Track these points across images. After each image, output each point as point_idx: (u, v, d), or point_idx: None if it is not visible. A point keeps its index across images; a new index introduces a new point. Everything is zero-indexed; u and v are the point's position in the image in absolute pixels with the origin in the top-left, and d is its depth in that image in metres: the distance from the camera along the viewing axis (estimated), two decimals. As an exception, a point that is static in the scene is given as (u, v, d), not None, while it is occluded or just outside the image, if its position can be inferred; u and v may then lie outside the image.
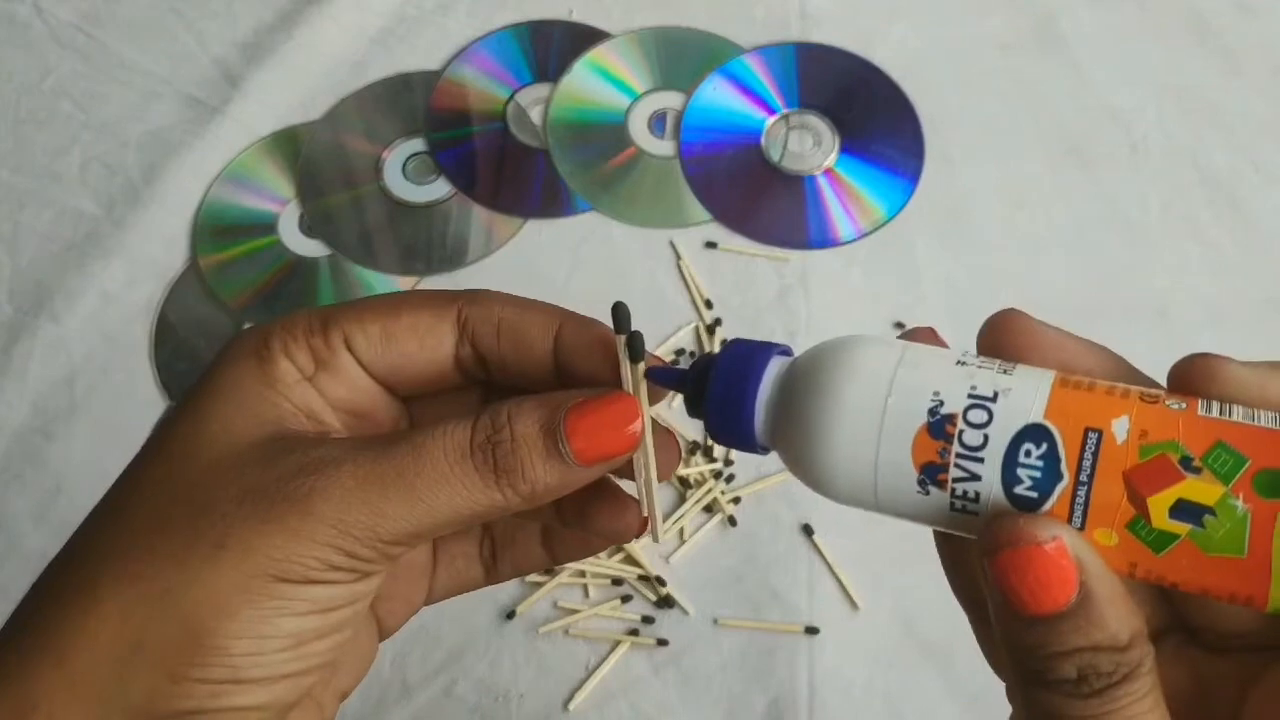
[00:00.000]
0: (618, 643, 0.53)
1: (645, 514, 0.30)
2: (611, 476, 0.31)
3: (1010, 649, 0.25)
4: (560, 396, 0.27)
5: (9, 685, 0.24)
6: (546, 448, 0.26)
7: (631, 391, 0.28)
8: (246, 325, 0.62)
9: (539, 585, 0.54)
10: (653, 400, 0.28)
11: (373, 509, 0.25)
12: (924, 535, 0.58)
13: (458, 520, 0.26)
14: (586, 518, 0.31)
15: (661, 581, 0.54)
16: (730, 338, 0.60)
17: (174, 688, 0.24)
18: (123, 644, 0.24)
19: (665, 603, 0.54)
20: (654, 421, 0.28)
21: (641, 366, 0.28)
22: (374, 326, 0.28)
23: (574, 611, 0.54)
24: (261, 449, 0.26)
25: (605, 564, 0.55)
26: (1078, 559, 0.24)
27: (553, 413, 0.27)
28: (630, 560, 0.55)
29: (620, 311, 0.28)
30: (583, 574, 0.55)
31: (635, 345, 0.27)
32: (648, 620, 0.54)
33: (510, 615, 0.54)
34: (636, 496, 0.30)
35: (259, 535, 0.25)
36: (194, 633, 0.24)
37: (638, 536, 0.31)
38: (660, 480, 0.29)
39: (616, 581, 0.55)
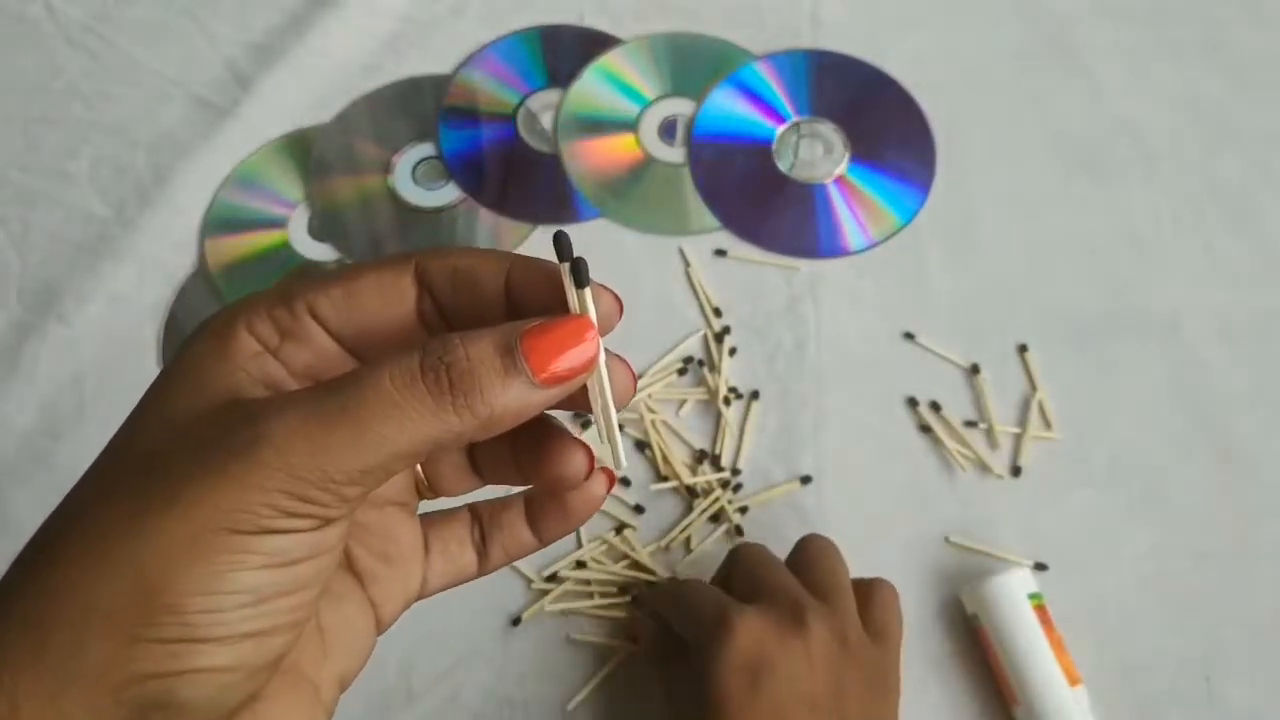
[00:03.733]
0: (620, 648, 0.53)
1: (604, 440, 0.29)
2: (556, 416, 0.31)
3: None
4: (515, 323, 0.27)
5: None
6: (504, 366, 0.26)
7: (581, 313, 0.28)
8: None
9: (544, 593, 0.54)
10: (603, 329, 0.29)
11: (318, 447, 0.24)
12: (929, 550, 0.58)
13: (411, 450, 0.26)
14: (537, 466, 0.31)
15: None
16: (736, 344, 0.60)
17: (130, 649, 0.24)
18: (76, 609, 0.24)
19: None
20: (605, 350, 0.29)
21: (588, 291, 0.28)
22: (336, 290, 0.28)
23: (586, 597, 0.54)
24: (213, 414, 0.26)
25: (612, 569, 0.55)
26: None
27: (508, 334, 0.27)
28: (638, 567, 0.55)
29: (562, 239, 0.28)
30: (589, 583, 0.54)
31: (579, 269, 0.28)
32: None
33: (516, 621, 0.54)
34: (596, 425, 0.29)
35: (206, 488, 0.24)
36: (146, 592, 0.24)
37: (587, 477, 0.31)
38: (617, 407, 0.29)
39: (623, 590, 0.54)
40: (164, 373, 0.28)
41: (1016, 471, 0.57)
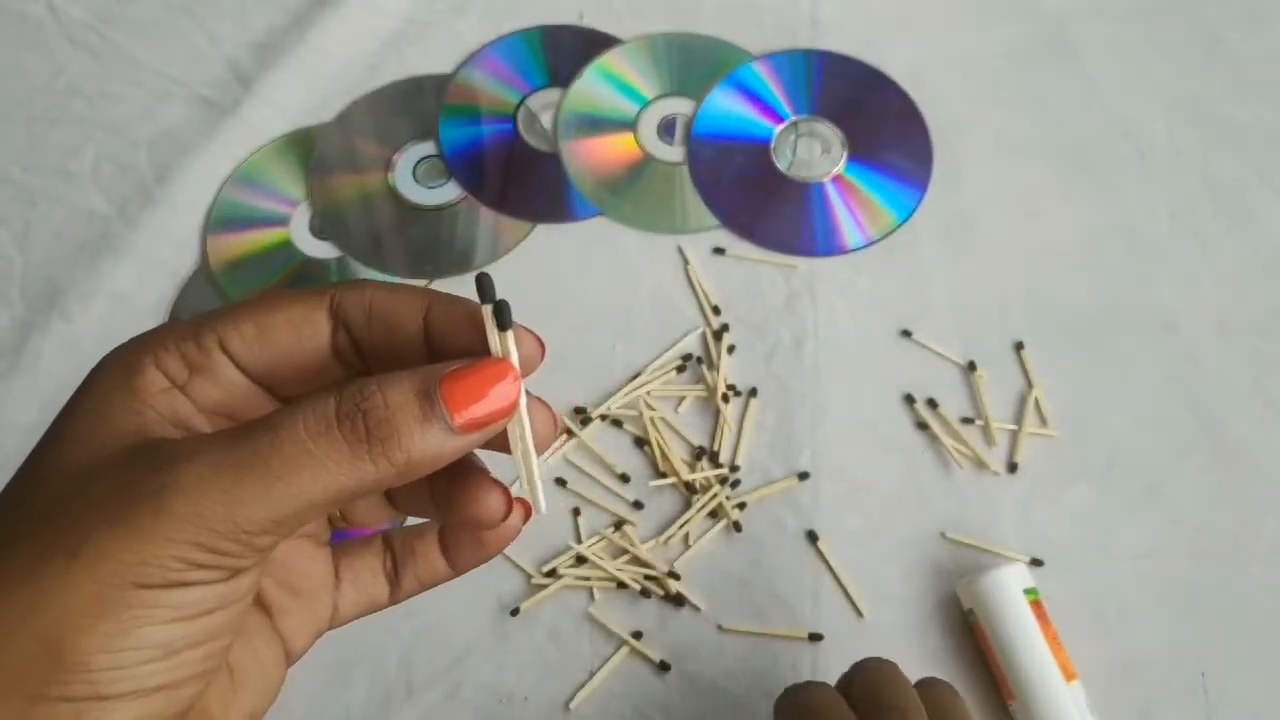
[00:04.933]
0: (622, 644, 0.53)
1: (525, 485, 0.29)
2: (477, 456, 0.30)
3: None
4: (434, 366, 0.26)
5: None
6: (423, 413, 0.25)
7: (502, 357, 0.27)
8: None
9: (542, 588, 0.55)
10: (525, 372, 0.28)
11: (230, 497, 0.24)
12: (926, 546, 0.59)
13: (325, 500, 0.25)
14: (453, 504, 0.30)
15: (674, 575, 0.54)
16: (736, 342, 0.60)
17: (33, 709, 0.23)
18: None
19: (675, 601, 0.54)
20: (527, 392, 0.28)
21: (510, 334, 0.27)
22: (247, 325, 0.28)
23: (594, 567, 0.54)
24: (119, 458, 0.25)
25: (610, 564, 0.55)
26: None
27: (427, 378, 0.26)
28: (637, 562, 0.55)
29: (484, 281, 0.27)
30: (587, 579, 0.55)
31: (502, 312, 0.27)
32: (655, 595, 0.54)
33: (514, 612, 0.54)
34: (516, 470, 0.29)
35: (111, 540, 0.23)
36: (51, 650, 0.23)
37: (505, 518, 0.30)
38: (538, 452, 0.28)
39: (621, 585, 0.55)
40: (67, 408, 0.27)
41: (1013, 468, 0.57)
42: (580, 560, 0.55)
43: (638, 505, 0.57)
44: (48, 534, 0.24)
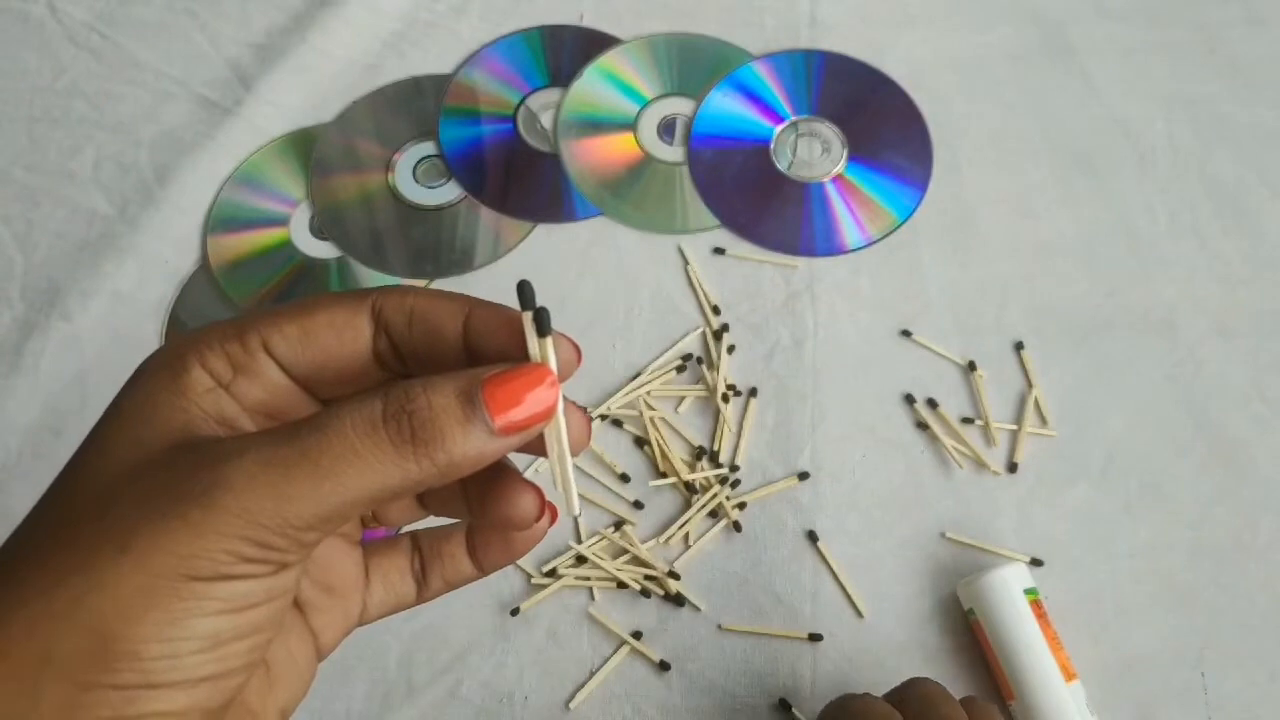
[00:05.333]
0: (622, 644, 0.53)
1: (558, 487, 0.30)
2: (511, 460, 0.31)
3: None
4: (476, 370, 0.27)
5: None
6: (466, 415, 0.26)
7: (542, 362, 0.28)
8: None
9: (542, 587, 0.55)
10: (561, 377, 0.28)
11: (279, 493, 0.24)
12: (926, 546, 0.59)
13: (370, 497, 0.26)
14: (487, 505, 0.31)
15: (674, 575, 0.55)
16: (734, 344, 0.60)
17: (85, 696, 0.23)
18: (31, 659, 0.23)
19: (675, 601, 0.54)
20: (564, 397, 0.29)
21: (550, 340, 0.28)
22: (291, 327, 0.28)
23: (595, 568, 0.54)
24: (167, 455, 0.26)
25: (610, 564, 0.55)
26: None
27: (470, 382, 0.27)
28: (637, 562, 0.55)
29: (525, 289, 0.28)
30: (587, 578, 0.55)
31: (542, 319, 0.28)
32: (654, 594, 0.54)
33: (515, 611, 0.54)
34: (551, 473, 0.30)
35: (162, 534, 0.24)
36: (103, 640, 0.23)
37: (538, 520, 0.31)
38: (573, 455, 0.29)
39: (621, 585, 0.55)
40: (114, 405, 0.28)
41: (1013, 468, 0.58)
42: (580, 560, 0.55)
43: (638, 505, 0.57)
44: (98, 528, 0.24)
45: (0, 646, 0.24)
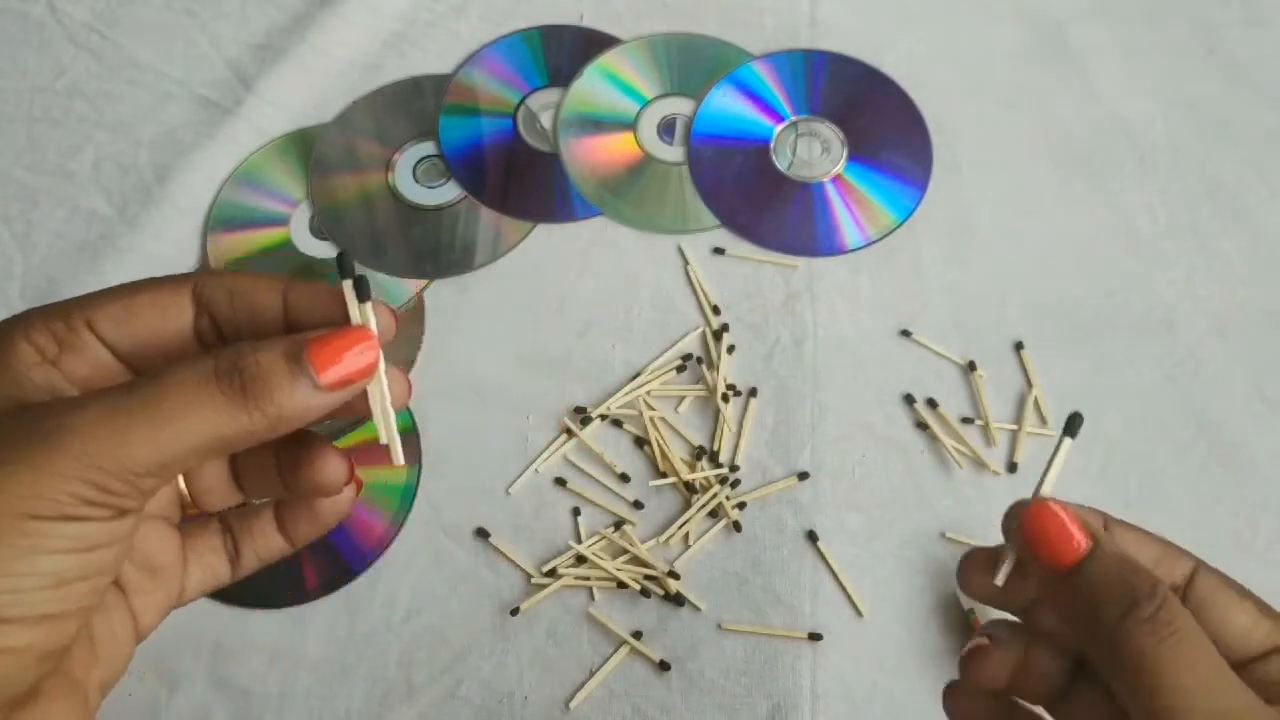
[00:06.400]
0: (622, 643, 0.53)
1: (385, 440, 0.32)
2: (315, 430, 0.33)
3: (1071, 606, 0.30)
4: (302, 334, 0.30)
5: None
6: (292, 371, 0.28)
7: (363, 324, 0.31)
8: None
9: (542, 587, 0.55)
10: (382, 340, 0.31)
11: (120, 438, 0.26)
12: (927, 545, 0.58)
13: (206, 445, 0.28)
14: (299, 472, 0.33)
15: (674, 575, 0.55)
16: (734, 344, 0.60)
17: None
18: None
19: (675, 600, 0.54)
20: (385, 360, 0.31)
21: (369, 306, 0.31)
22: (114, 306, 0.30)
23: (594, 567, 0.54)
24: (7, 416, 0.27)
25: (610, 564, 0.55)
26: (1078, 515, 0.31)
27: (295, 343, 0.29)
28: (637, 561, 0.55)
29: (344, 259, 0.31)
30: (587, 578, 0.55)
31: (361, 285, 0.31)
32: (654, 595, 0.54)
33: (514, 611, 0.54)
34: (376, 425, 0.32)
35: (7, 476, 0.25)
36: None
37: (347, 483, 0.33)
38: (395, 410, 0.32)
39: (621, 585, 0.55)
40: None
41: (1013, 468, 0.58)
42: (580, 560, 0.55)
43: (638, 505, 0.57)
44: None
45: None
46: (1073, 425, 0.32)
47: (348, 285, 0.31)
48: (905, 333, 0.61)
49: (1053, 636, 0.32)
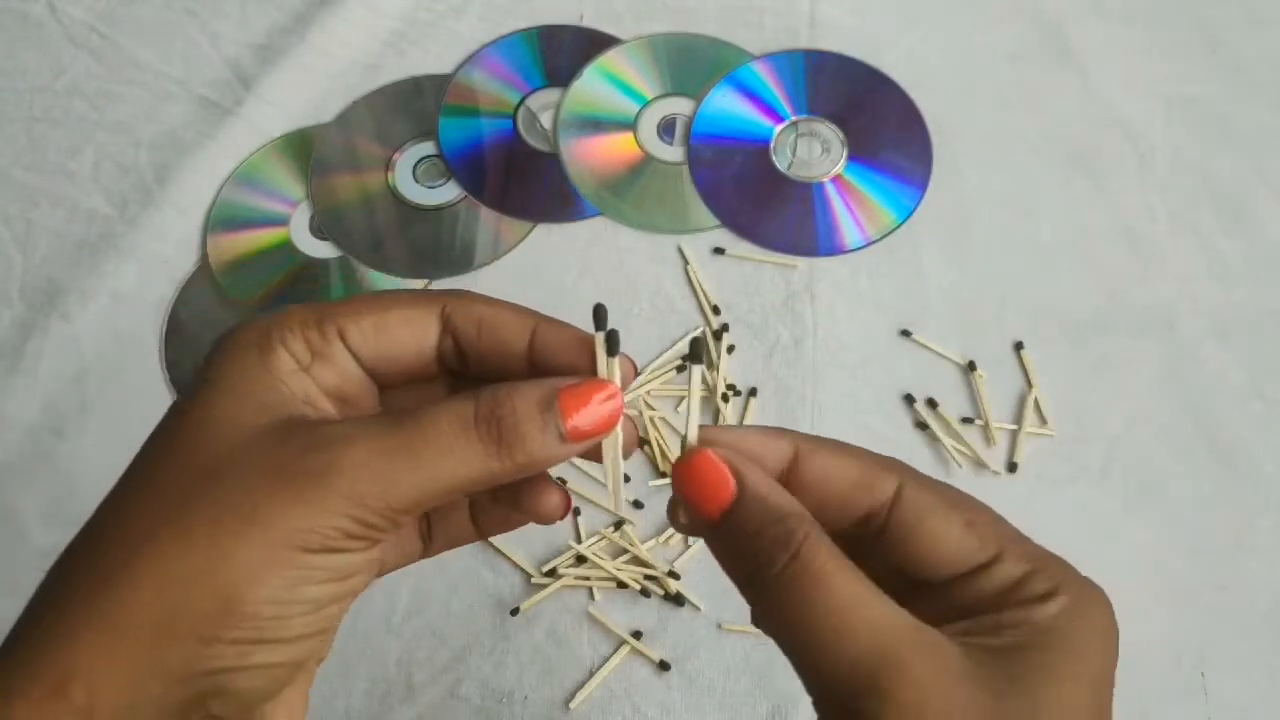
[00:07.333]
0: (622, 643, 0.53)
1: (611, 491, 0.33)
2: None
3: (722, 557, 0.31)
4: (553, 380, 0.30)
5: (49, 654, 0.26)
6: (544, 422, 0.29)
7: (609, 379, 0.31)
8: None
9: (542, 587, 0.55)
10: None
11: (385, 479, 0.28)
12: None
13: (457, 488, 0.29)
14: (518, 498, 0.33)
15: (674, 575, 0.54)
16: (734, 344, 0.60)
17: (206, 650, 0.26)
18: (160, 616, 0.26)
19: (675, 600, 0.54)
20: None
21: (617, 360, 0.31)
22: (367, 320, 0.31)
23: (595, 566, 0.54)
24: (272, 432, 0.28)
25: (610, 564, 0.55)
26: (729, 463, 0.31)
27: (549, 392, 0.30)
28: (637, 561, 0.55)
29: (601, 312, 0.31)
30: (587, 578, 0.55)
31: (613, 341, 0.31)
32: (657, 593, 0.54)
33: (515, 611, 0.54)
34: (606, 476, 0.33)
35: (281, 510, 0.27)
36: (227, 602, 0.26)
37: (561, 518, 0.34)
38: (625, 458, 0.33)
39: (621, 585, 0.55)
40: (209, 381, 0.30)
41: (1012, 468, 0.58)
42: (580, 560, 0.55)
43: (638, 505, 0.57)
44: (220, 499, 0.27)
45: (131, 602, 0.26)
46: (696, 349, 0.33)
47: (599, 338, 0.31)
48: (905, 333, 0.61)
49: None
